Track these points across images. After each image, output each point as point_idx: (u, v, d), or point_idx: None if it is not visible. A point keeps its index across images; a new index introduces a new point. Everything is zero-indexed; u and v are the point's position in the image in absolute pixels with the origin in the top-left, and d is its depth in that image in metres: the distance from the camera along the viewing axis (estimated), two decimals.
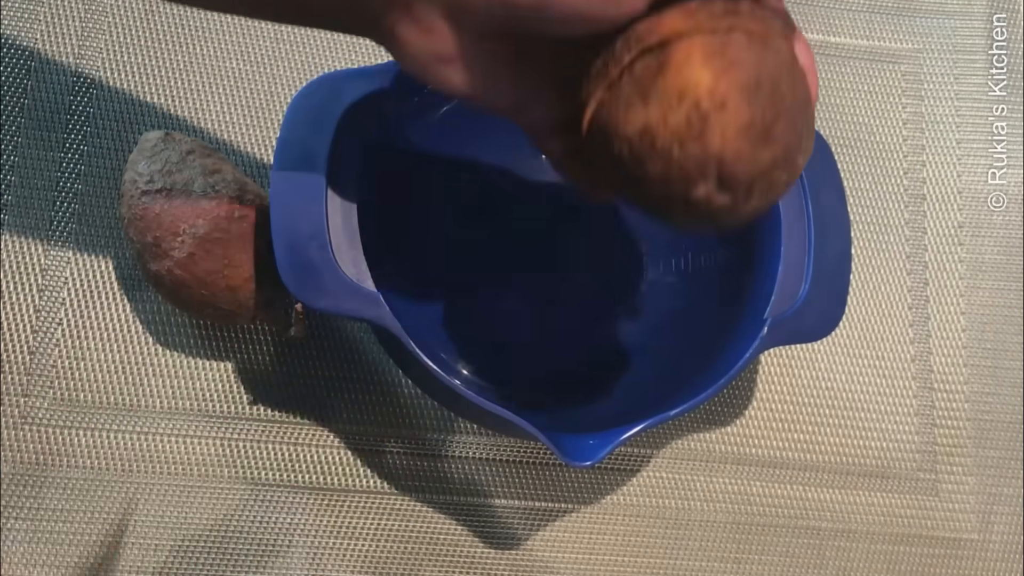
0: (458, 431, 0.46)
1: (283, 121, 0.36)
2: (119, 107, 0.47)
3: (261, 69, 0.49)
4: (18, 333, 0.44)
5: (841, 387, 0.49)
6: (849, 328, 0.50)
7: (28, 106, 0.47)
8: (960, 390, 0.50)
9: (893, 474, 0.48)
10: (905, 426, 0.49)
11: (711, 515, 0.47)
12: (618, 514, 0.46)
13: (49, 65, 0.47)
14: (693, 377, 0.40)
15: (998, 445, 0.49)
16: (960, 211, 0.52)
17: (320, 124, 0.36)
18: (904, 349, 0.50)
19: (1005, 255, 0.52)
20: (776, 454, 0.48)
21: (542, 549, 0.45)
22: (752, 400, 0.48)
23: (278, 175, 0.35)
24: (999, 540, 0.48)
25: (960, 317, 0.51)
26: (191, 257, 0.39)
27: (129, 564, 0.43)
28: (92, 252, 0.46)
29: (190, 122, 0.48)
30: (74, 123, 0.47)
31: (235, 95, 0.48)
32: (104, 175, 0.47)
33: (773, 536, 0.47)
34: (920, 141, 0.53)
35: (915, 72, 0.54)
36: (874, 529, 0.47)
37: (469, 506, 0.45)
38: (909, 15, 0.55)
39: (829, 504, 0.48)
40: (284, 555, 0.44)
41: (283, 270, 0.34)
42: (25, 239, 0.45)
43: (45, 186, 0.46)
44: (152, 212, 0.40)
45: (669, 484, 0.47)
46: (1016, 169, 0.53)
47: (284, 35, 0.50)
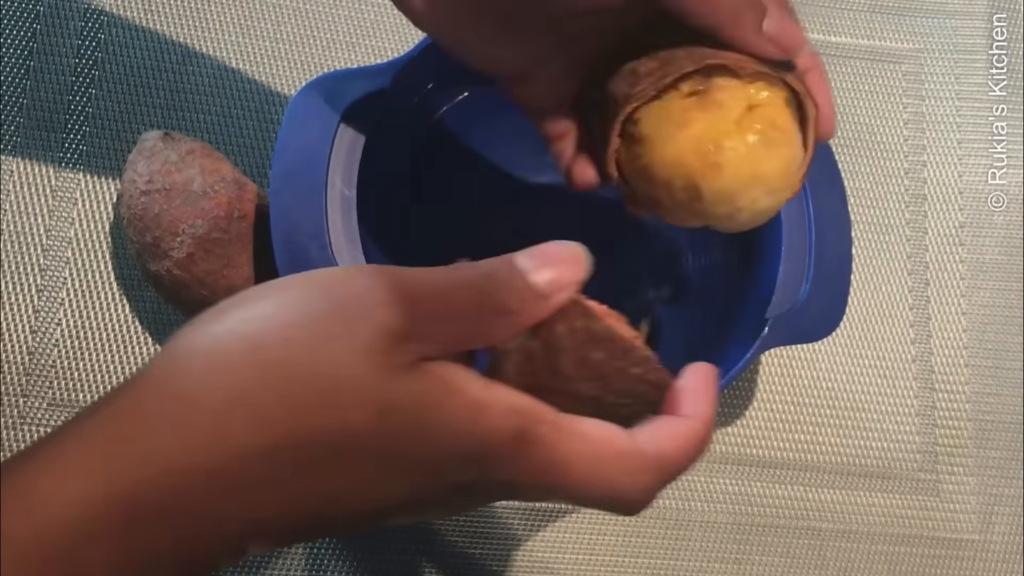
0: None
1: (283, 121, 0.36)
2: (119, 107, 0.47)
3: (261, 69, 0.49)
4: (17, 333, 0.44)
5: (841, 387, 0.49)
6: (849, 328, 0.50)
7: (28, 106, 0.47)
8: (961, 390, 0.50)
9: (894, 475, 0.48)
10: (906, 426, 0.49)
11: (711, 516, 0.47)
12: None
13: (49, 65, 0.47)
14: None
15: (999, 446, 0.49)
16: (961, 211, 0.52)
17: (320, 124, 0.36)
18: (905, 349, 0.50)
19: (1006, 255, 0.52)
20: (776, 454, 0.48)
21: (542, 549, 0.45)
22: (752, 400, 0.48)
23: (278, 175, 0.35)
24: (1000, 541, 0.48)
25: (961, 317, 0.51)
26: (190, 257, 0.39)
27: None
28: (92, 252, 0.46)
29: (190, 122, 0.48)
30: (74, 123, 0.47)
31: (235, 95, 0.48)
32: (104, 175, 0.46)
33: (773, 537, 0.47)
34: (921, 141, 0.53)
35: (916, 72, 0.54)
36: (875, 530, 0.47)
37: None
38: (909, 15, 0.55)
39: (830, 505, 0.47)
40: (284, 555, 0.44)
41: (283, 270, 0.34)
42: (24, 239, 0.45)
43: (45, 186, 0.46)
44: (152, 212, 0.40)
45: (669, 485, 0.47)
46: (1016, 169, 0.53)
47: (284, 35, 0.50)
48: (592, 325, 0.25)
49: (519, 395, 0.24)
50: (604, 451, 0.24)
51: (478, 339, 0.24)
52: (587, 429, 0.24)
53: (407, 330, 0.22)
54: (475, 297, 0.24)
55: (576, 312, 0.25)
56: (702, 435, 0.26)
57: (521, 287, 0.24)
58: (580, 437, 0.24)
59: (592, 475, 0.24)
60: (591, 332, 0.25)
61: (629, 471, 0.24)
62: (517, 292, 0.24)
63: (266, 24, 0.49)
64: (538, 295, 0.24)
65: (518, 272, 0.24)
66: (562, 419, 0.24)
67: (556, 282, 0.25)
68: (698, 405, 0.26)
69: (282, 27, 0.50)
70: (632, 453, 0.24)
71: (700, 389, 0.26)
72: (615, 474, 0.24)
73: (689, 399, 0.26)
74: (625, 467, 0.24)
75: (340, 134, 0.36)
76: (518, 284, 0.24)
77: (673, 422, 0.26)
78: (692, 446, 0.26)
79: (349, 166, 0.36)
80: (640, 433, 0.25)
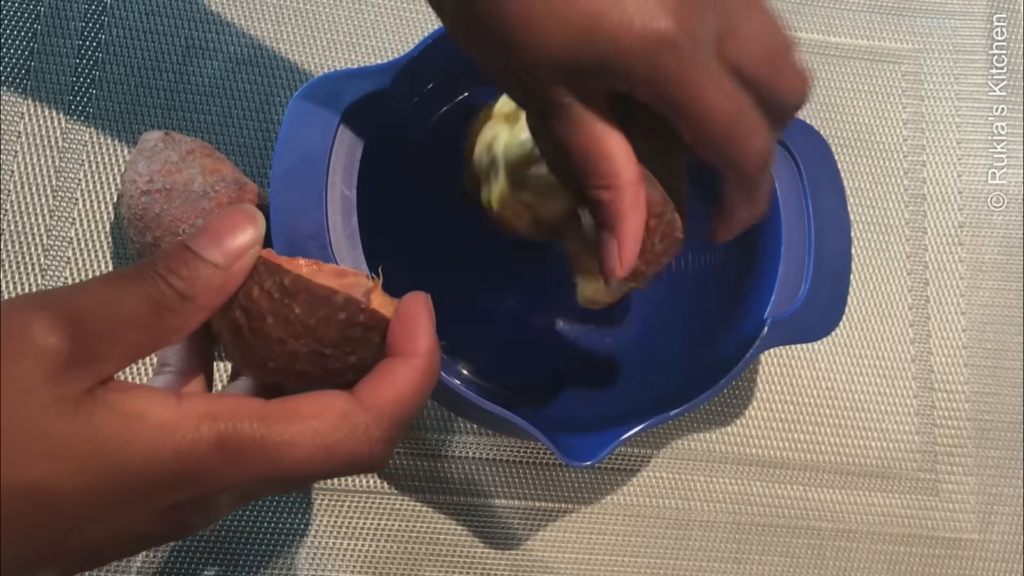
0: (458, 431, 0.46)
1: (283, 121, 0.36)
2: (120, 107, 0.47)
3: (261, 69, 0.49)
4: None
5: (841, 387, 0.49)
6: (849, 328, 0.50)
7: (28, 106, 0.47)
8: (960, 390, 0.50)
9: (893, 474, 0.48)
10: (905, 426, 0.49)
11: (711, 515, 0.47)
12: (618, 514, 0.46)
13: (49, 65, 0.47)
14: (693, 377, 0.40)
15: (998, 445, 0.49)
16: (960, 211, 0.52)
17: (320, 124, 0.36)
18: (904, 349, 0.50)
19: (1005, 255, 0.52)
20: (776, 454, 0.48)
21: (542, 549, 0.45)
22: (752, 400, 0.48)
23: (278, 175, 0.35)
24: (999, 540, 0.48)
25: (960, 317, 0.51)
26: None
27: (129, 565, 0.43)
28: (92, 252, 0.46)
29: (190, 122, 0.48)
30: (74, 123, 0.47)
31: (235, 95, 0.48)
32: (105, 175, 0.47)
33: (773, 536, 0.47)
34: (920, 141, 0.53)
35: (915, 72, 0.54)
36: (874, 529, 0.47)
37: (469, 506, 0.45)
38: (909, 15, 0.55)
39: (829, 504, 0.48)
40: (284, 555, 0.44)
41: None
42: (25, 239, 0.45)
43: (45, 186, 0.46)
44: (152, 212, 0.40)
45: (669, 484, 0.47)
46: (1016, 169, 0.53)
47: (284, 35, 0.50)
48: (282, 280, 0.25)
49: (215, 399, 0.23)
50: (322, 422, 0.23)
51: (162, 339, 0.24)
52: (298, 407, 0.23)
53: (75, 355, 0.21)
54: (144, 298, 0.23)
55: (265, 271, 0.25)
56: (424, 369, 0.25)
57: (195, 269, 0.24)
58: (292, 417, 0.23)
59: (317, 449, 0.23)
60: (283, 287, 0.25)
61: (355, 432, 0.24)
62: (191, 277, 0.24)
63: (266, 24, 0.49)
64: (215, 272, 0.24)
65: (190, 254, 0.24)
66: (270, 406, 0.23)
67: (233, 251, 0.24)
68: (415, 340, 0.25)
69: (282, 27, 0.50)
70: (352, 412, 0.24)
71: (412, 322, 0.26)
72: (342, 438, 0.23)
73: (404, 336, 0.26)
74: (350, 429, 0.24)
75: (340, 134, 0.36)
76: (191, 268, 0.24)
77: (393, 365, 0.25)
78: (416, 385, 0.25)
79: (349, 166, 0.36)
80: (362, 387, 0.25)
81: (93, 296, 0.22)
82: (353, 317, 0.25)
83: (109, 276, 0.23)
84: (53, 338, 0.21)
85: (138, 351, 0.23)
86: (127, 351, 0.23)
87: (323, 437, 0.23)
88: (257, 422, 0.23)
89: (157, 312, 0.23)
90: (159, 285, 0.23)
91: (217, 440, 0.22)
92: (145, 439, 0.22)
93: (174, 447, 0.22)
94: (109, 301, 0.22)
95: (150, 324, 0.23)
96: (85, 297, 0.22)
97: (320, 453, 0.23)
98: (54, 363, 0.21)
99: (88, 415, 0.21)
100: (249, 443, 0.22)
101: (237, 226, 0.25)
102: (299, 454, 0.23)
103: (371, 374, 0.25)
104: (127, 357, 0.23)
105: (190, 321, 0.24)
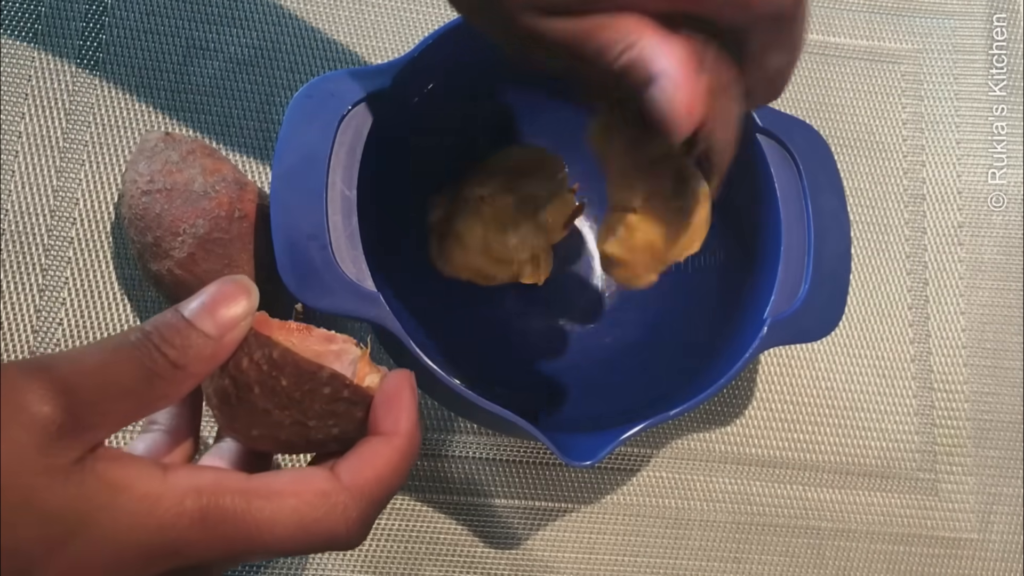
0: (458, 431, 0.46)
1: (283, 121, 0.36)
2: (120, 107, 0.47)
3: (261, 69, 0.49)
4: (18, 333, 0.45)
5: (841, 387, 0.49)
6: (849, 328, 0.50)
7: (29, 106, 0.47)
8: (960, 390, 0.50)
9: (893, 474, 0.48)
10: (905, 426, 0.49)
11: (711, 515, 0.47)
12: (618, 514, 0.46)
13: (49, 65, 0.47)
14: (693, 377, 0.40)
15: (998, 445, 0.49)
16: (960, 211, 0.52)
17: (320, 124, 0.36)
18: (904, 349, 0.50)
19: (1005, 255, 0.52)
20: (776, 454, 0.48)
21: (542, 549, 0.45)
22: (752, 400, 0.49)
23: (278, 175, 0.35)
24: (999, 540, 0.48)
25: (960, 317, 0.51)
26: (191, 257, 0.39)
27: None
28: (93, 252, 0.46)
29: (191, 122, 0.48)
30: (75, 123, 0.47)
31: (236, 95, 0.48)
32: (105, 175, 0.47)
33: (773, 536, 0.47)
34: (920, 141, 0.53)
35: (915, 72, 0.54)
36: (874, 529, 0.48)
37: (469, 506, 0.45)
38: (909, 15, 0.55)
39: (829, 504, 0.48)
40: (287, 560, 0.44)
41: (283, 270, 0.34)
42: (26, 239, 0.45)
43: (46, 186, 0.46)
44: (152, 212, 0.40)
45: (669, 484, 0.47)
46: (1016, 169, 0.53)
47: (284, 35, 0.50)
48: (271, 352, 0.25)
49: (199, 472, 0.23)
50: (302, 501, 0.24)
51: (152, 406, 0.24)
52: (279, 485, 0.24)
53: (67, 424, 0.22)
54: (138, 366, 0.23)
55: (255, 343, 0.25)
56: (404, 449, 0.26)
57: (187, 338, 0.24)
58: (273, 495, 0.24)
59: (296, 527, 0.24)
60: (272, 360, 0.25)
61: (333, 511, 0.24)
62: (184, 346, 0.24)
63: (267, 25, 0.49)
64: (207, 342, 0.24)
65: (184, 323, 0.24)
66: (252, 482, 0.24)
67: (225, 322, 0.25)
68: (396, 420, 0.26)
69: (282, 27, 0.50)
70: (332, 491, 0.24)
71: (394, 401, 0.26)
72: (320, 517, 0.24)
73: (386, 415, 0.26)
74: (328, 508, 0.24)
75: (340, 134, 0.36)
76: (184, 337, 0.24)
77: (374, 444, 0.26)
78: (395, 466, 0.25)
79: (349, 166, 0.36)
80: (342, 465, 0.25)
81: (88, 364, 0.23)
82: (338, 392, 0.26)
83: (104, 343, 0.24)
84: (47, 407, 0.22)
85: (128, 418, 0.23)
86: (118, 419, 0.23)
87: (301, 515, 0.24)
88: (239, 498, 0.23)
89: (149, 380, 0.23)
90: (152, 354, 0.24)
91: (200, 514, 0.23)
92: (131, 511, 0.22)
93: (158, 520, 0.22)
94: (103, 370, 0.23)
95: (142, 392, 0.23)
96: (80, 365, 0.23)
97: (298, 532, 0.24)
98: (46, 432, 0.21)
99: (78, 484, 0.22)
100: (231, 518, 0.23)
101: (231, 297, 0.25)
102: (278, 532, 0.23)
103: (351, 452, 0.26)
104: (117, 424, 0.23)
105: (180, 389, 0.24)
